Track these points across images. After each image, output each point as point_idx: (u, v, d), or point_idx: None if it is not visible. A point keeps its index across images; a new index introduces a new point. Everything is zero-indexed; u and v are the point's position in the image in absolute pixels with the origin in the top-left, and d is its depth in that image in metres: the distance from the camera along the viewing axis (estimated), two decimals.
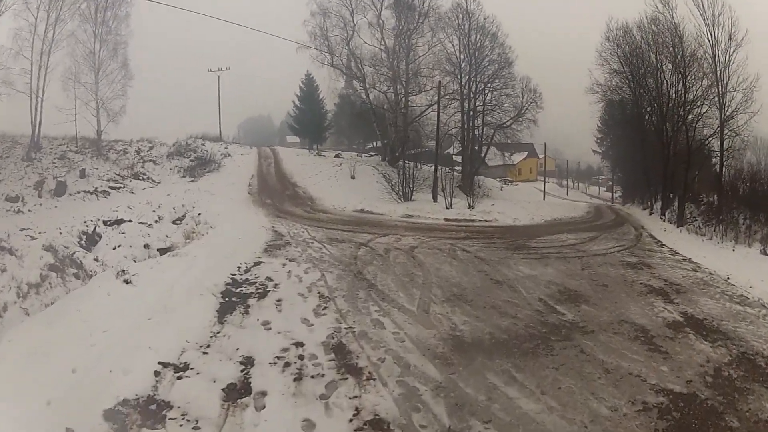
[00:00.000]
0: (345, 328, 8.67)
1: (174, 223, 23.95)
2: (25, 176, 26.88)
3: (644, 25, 27.20)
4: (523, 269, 13.67)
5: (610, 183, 51.02)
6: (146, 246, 20.14)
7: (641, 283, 12.70)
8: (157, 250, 18.62)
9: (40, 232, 20.03)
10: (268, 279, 11.85)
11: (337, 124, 44.96)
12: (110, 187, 29.02)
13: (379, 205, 27.02)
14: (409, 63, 34.17)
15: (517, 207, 30.69)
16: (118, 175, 30.70)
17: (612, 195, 47.33)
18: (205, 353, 7.54)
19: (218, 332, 8.40)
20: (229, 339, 8.12)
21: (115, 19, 30.25)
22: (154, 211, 24.84)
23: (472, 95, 32.95)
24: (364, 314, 9.42)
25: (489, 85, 32.76)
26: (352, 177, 33.16)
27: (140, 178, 31.50)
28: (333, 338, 8.22)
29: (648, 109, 29.32)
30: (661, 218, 27.28)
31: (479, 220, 25.46)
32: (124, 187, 29.58)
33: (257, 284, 11.41)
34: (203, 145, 37.04)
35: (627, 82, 29.65)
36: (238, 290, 10.89)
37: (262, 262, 13.79)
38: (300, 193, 29.73)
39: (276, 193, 29.29)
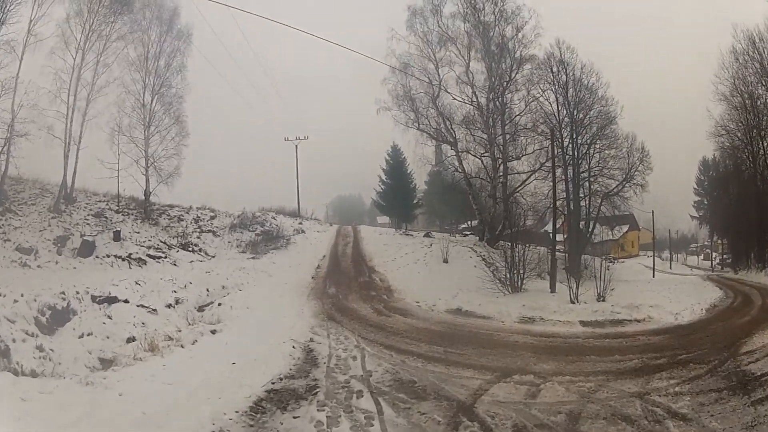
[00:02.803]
0: None
1: (199, 309, 16.14)
2: (47, 228, 20.78)
3: None
4: None
5: (708, 251, 43.08)
6: (130, 339, 12.45)
7: None
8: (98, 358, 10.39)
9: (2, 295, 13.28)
10: None
11: (428, 204, 37.09)
12: (149, 255, 22.16)
13: (483, 300, 17.30)
14: (505, 123, 26.72)
15: (648, 293, 20.19)
16: (164, 242, 23.95)
17: (711, 263, 39.69)
18: None
19: None
20: None
21: (168, 70, 24.71)
22: (174, 291, 17.16)
23: (574, 160, 26.01)
24: None
25: (593, 146, 25.75)
26: (445, 261, 23.96)
27: (190, 249, 24.52)
28: None
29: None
30: None
31: (630, 321, 15.26)
32: (166, 257, 22.62)
33: None
34: (274, 218, 29.97)
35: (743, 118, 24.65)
36: None
37: None
38: (376, 281, 20.84)
39: (345, 280, 20.70)
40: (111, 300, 15.15)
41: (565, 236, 25.37)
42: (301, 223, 31.05)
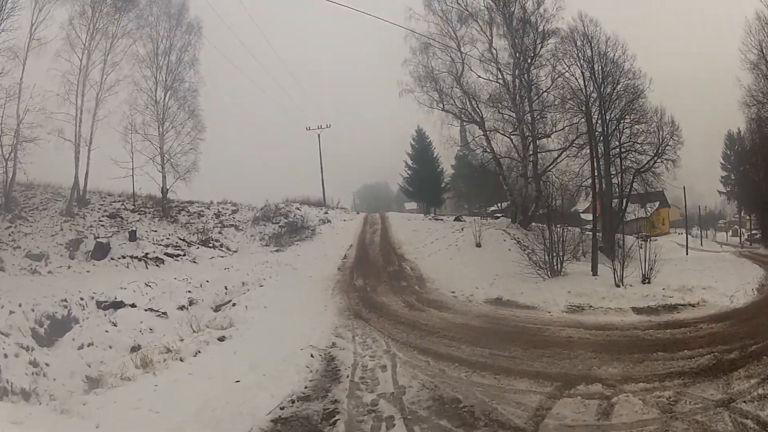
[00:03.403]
0: None
1: (216, 309, 14.70)
2: (60, 233, 19.73)
3: None
4: None
5: (736, 227, 42.10)
6: (134, 348, 11.17)
7: None
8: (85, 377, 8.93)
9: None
10: None
11: (456, 188, 35.24)
12: (167, 254, 20.93)
13: (523, 288, 15.22)
14: (533, 100, 25.05)
15: (691, 272, 17.84)
16: (183, 240, 22.70)
17: (740, 239, 38.57)
18: None
19: None
20: None
21: (180, 64, 23.56)
22: (189, 291, 15.77)
23: (604, 136, 24.50)
24: None
25: (622, 121, 24.27)
26: (478, 245, 21.92)
27: (210, 245, 23.21)
28: None
29: None
30: None
31: (684, 306, 13.05)
32: (184, 255, 21.38)
33: None
34: (298, 209, 28.40)
35: None
36: None
37: None
38: (407, 270, 19.01)
39: (374, 271, 18.97)
40: (117, 305, 13.86)
41: (597, 215, 23.53)
42: (326, 213, 29.49)
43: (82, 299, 13.89)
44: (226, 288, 16.92)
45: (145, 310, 13.64)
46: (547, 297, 14.10)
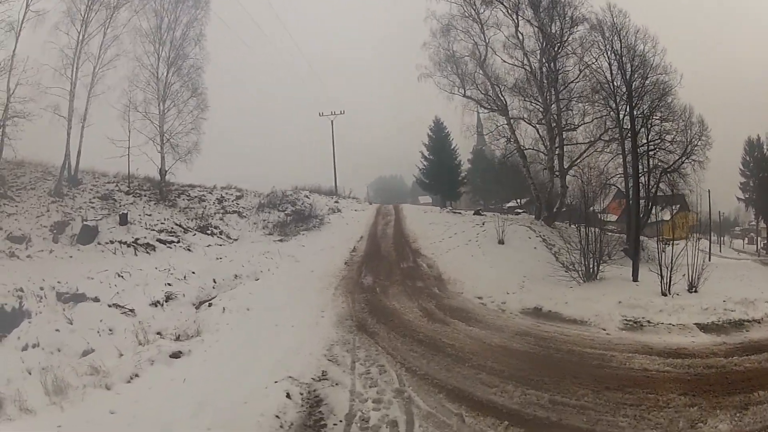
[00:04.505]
0: None
1: (198, 307, 11.95)
2: (45, 214, 17.33)
3: None
4: None
5: (752, 234, 39.22)
6: (86, 353, 8.87)
7: None
8: None
9: None
10: None
11: (471, 183, 32.68)
12: (159, 240, 18.36)
13: (564, 295, 12.33)
14: (559, 90, 22.69)
15: (731, 280, 15.78)
16: (179, 225, 20.06)
17: (757, 247, 36.24)
18: None
19: None
20: None
21: (185, 40, 21.09)
22: (169, 284, 13.05)
23: (632, 132, 21.87)
24: None
25: (650, 118, 21.84)
26: (501, 242, 19.08)
27: (209, 232, 20.55)
28: None
29: None
30: None
31: (750, 323, 10.71)
32: (179, 242, 18.76)
33: None
34: (307, 197, 25.65)
35: None
36: None
37: None
38: (423, 267, 16.06)
39: (385, 267, 16.10)
40: (78, 298, 11.22)
41: (618, 216, 21.99)
42: (337, 202, 26.63)
43: (41, 289, 11.35)
44: (214, 281, 14.20)
45: (109, 306, 10.98)
46: (598, 309, 11.18)
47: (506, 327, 9.65)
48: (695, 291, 13.54)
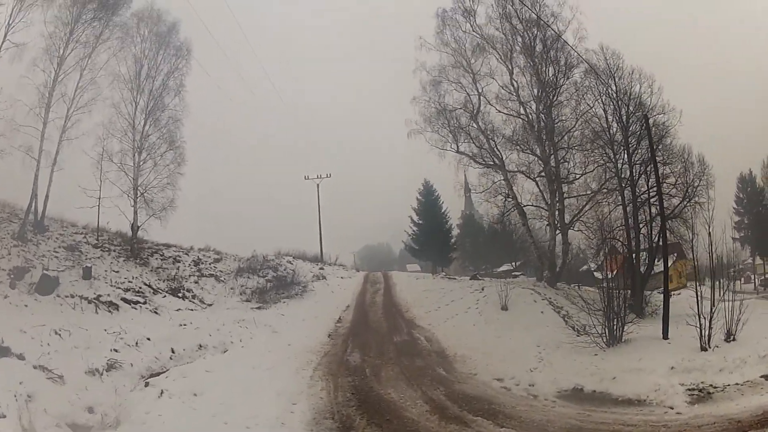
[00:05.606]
0: None
1: (147, 381, 9.60)
2: (6, 257, 15.52)
3: None
4: None
5: (748, 273, 36.14)
6: None
7: None
8: None
9: None
10: None
11: (461, 248, 31.33)
12: (124, 299, 16.25)
13: (592, 367, 10.49)
14: (555, 140, 21.44)
15: (757, 321, 13.18)
16: (148, 285, 17.89)
17: (755, 285, 33.65)
18: None
19: None
20: None
21: (165, 89, 20.10)
22: (116, 350, 10.82)
23: (631, 180, 20.79)
24: None
25: (649, 165, 20.01)
26: (504, 308, 17.32)
27: (180, 295, 18.37)
28: None
29: None
30: None
31: None
32: (145, 303, 16.59)
33: None
34: (290, 263, 23.69)
35: None
36: None
37: None
38: (421, 341, 13.90)
39: (375, 341, 14.01)
40: (2, 351, 8.91)
41: (615, 272, 19.23)
42: (322, 269, 24.60)
43: None
44: (173, 351, 12.10)
45: (35, 367, 8.77)
46: (651, 381, 9.42)
47: (548, 424, 7.40)
48: (734, 339, 12.36)
